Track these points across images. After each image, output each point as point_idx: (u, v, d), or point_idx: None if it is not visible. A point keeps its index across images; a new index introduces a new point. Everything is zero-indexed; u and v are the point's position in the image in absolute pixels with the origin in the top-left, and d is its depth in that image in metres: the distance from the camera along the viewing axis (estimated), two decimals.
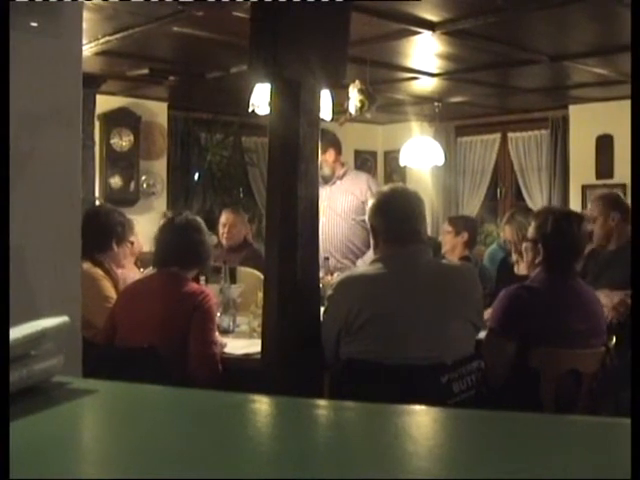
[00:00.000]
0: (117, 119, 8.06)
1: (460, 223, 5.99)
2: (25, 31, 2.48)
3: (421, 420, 0.99)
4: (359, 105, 5.31)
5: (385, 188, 3.53)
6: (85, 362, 2.81)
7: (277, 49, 3.29)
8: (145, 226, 7.62)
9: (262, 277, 5.40)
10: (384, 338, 3.10)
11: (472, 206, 9.79)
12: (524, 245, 3.85)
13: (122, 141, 8.11)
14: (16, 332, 0.95)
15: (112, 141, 8.04)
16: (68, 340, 2.46)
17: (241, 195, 9.27)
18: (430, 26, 4.98)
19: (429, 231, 8.97)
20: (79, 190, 2.66)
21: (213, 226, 6.63)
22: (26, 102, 2.49)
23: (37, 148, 2.51)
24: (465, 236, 5.84)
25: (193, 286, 3.75)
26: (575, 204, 8.54)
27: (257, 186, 9.30)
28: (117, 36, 5.22)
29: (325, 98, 4.35)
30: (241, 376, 3.66)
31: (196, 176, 8.96)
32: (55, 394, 0.98)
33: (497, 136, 9.64)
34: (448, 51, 5.85)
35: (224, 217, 6.47)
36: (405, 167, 9.14)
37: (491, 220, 9.66)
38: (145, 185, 8.39)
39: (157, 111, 8.44)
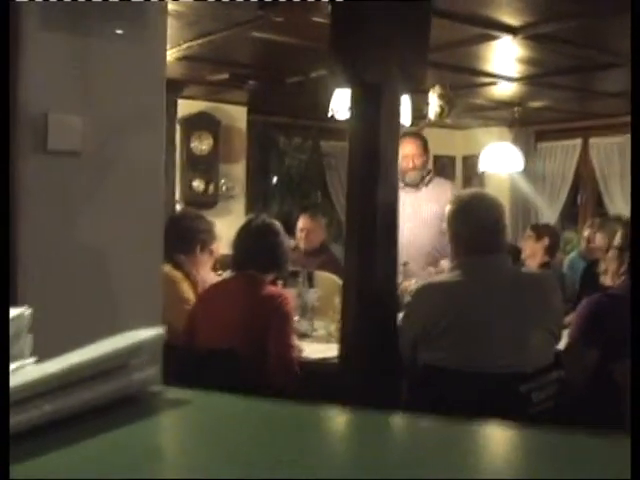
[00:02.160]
0: (197, 123, 8.18)
1: (542, 229, 5.96)
2: (111, 39, 2.53)
3: (500, 436, 0.97)
4: (439, 111, 5.29)
5: (465, 193, 3.49)
6: (165, 364, 2.85)
7: (357, 53, 3.30)
8: (224, 229, 7.69)
9: (340, 282, 5.43)
10: (463, 346, 3.08)
11: (552, 212, 9.64)
12: (610, 253, 3.76)
13: (202, 145, 8.22)
14: (114, 343, 0.97)
15: (192, 145, 8.14)
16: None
17: (319, 199, 9.30)
18: (511, 30, 4.92)
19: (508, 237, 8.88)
20: (162, 194, 2.71)
21: (291, 229, 6.67)
22: (112, 108, 2.55)
23: (123, 153, 2.56)
24: (546, 241, 5.80)
25: (271, 289, 3.78)
26: None
27: (335, 190, 9.32)
28: (198, 42, 5.30)
29: (404, 103, 4.34)
30: (318, 380, 3.68)
31: (274, 179, 9.03)
32: (149, 404, 1.00)
33: (578, 141, 9.45)
34: (528, 55, 5.78)
35: (302, 222, 6.50)
36: (484, 172, 9.08)
37: (571, 227, 9.51)
38: (224, 188, 8.46)
39: (236, 115, 8.53)
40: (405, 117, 5.10)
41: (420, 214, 5.66)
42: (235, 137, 8.50)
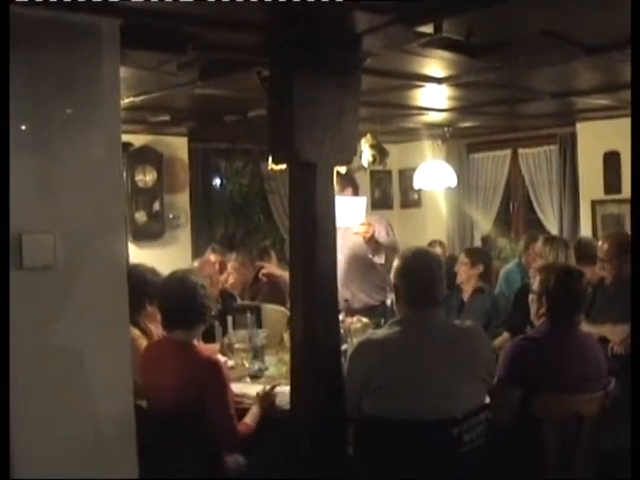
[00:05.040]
0: (140, 157, 8.31)
1: (476, 255, 6.24)
2: (74, 158, 2.79)
3: None
4: (371, 160, 5.60)
5: (407, 251, 3.77)
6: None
7: (293, 135, 3.60)
8: (172, 258, 7.97)
9: (286, 312, 5.73)
10: (399, 397, 3.42)
11: (486, 222, 10.03)
12: (530, 296, 4.14)
13: (146, 177, 8.39)
14: None
15: (137, 178, 8.30)
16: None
17: (262, 221, 9.56)
18: (436, 80, 5.23)
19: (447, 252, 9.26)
20: (126, 295, 2.97)
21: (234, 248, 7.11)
22: (77, 220, 2.81)
23: (89, 260, 2.82)
24: (480, 268, 6.11)
25: (202, 357, 3.86)
26: (585, 218, 8.75)
27: (277, 211, 9.53)
28: (141, 98, 5.51)
29: None
30: (271, 427, 3.99)
31: (218, 205, 9.25)
32: None
33: (508, 152, 9.79)
34: (455, 95, 6.08)
35: (229, 266, 7.01)
36: (420, 189, 9.47)
37: (504, 235, 9.90)
38: (170, 217, 8.64)
39: (178, 145, 8.65)
40: None
41: (353, 246, 6.01)
42: (177, 168, 8.62)
